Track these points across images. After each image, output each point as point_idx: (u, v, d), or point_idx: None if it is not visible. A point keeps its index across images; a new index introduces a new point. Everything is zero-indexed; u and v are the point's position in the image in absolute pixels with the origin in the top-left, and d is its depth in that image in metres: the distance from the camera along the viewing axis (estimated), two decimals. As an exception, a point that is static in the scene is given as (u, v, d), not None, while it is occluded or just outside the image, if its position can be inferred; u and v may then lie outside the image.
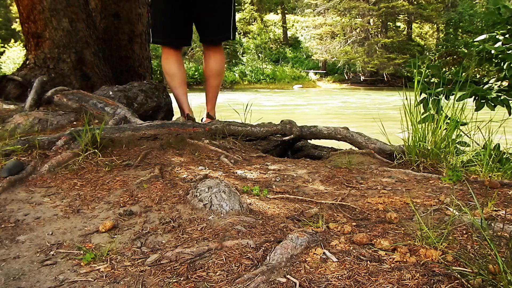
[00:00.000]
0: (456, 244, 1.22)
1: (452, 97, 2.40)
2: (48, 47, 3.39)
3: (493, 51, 2.64)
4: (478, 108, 2.63)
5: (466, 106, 2.36)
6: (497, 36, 2.72)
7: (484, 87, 2.75)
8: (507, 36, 2.68)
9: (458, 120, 2.29)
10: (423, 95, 2.61)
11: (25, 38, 3.50)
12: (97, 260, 1.21)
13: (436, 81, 2.67)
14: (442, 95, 2.56)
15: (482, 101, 2.63)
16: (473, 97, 2.65)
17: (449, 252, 1.15)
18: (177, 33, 2.85)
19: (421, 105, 2.54)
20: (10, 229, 1.44)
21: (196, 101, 3.90)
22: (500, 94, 2.63)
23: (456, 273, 1.03)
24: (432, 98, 2.57)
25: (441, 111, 2.40)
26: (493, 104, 2.62)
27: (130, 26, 4.20)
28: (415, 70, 2.39)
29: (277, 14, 34.74)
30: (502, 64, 2.65)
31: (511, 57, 2.55)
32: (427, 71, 2.65)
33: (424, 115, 2.47)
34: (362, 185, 1.96)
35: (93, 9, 4.04)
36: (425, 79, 2.63)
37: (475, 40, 2.85)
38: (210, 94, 3.18)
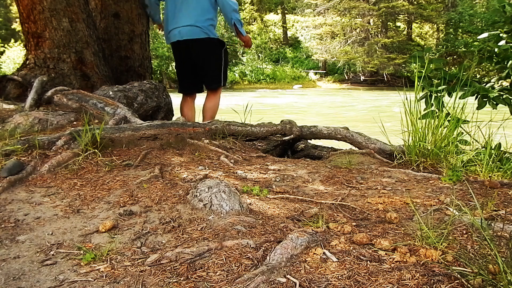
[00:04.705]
0: (456, 244, 1.22)
1: (453, 95, 2.39)
2: (48, 47, 3.39)
3: (495, 50, 2.62)
4: (480, 106, 2.61)
5: (466, 105, 2.35)
6: (500, 35, 2.70)
7: (486, 86, 2.73)
8: (510, 34, 2.66)
9: (459, 118, 2.28)
10: (425, 91, 2.59)
11: (25, 38, 3.50)
12: (97, 260, 1.21)
13: (438, 76, 2.64)
14: (443, 91, 2.54)
15: (484, 99, 2.62)
16: (475, 95, 2.64)
17: (449, 252, 1.15)
18: (188, 85, 3.86)
19: (422, 103, 2.53)
20: (10, 229, 1.44)
21: (197, 101, 3.94)
22: (502, 92, 2.61)
23: (456, 273, 1.03)
24: (434, 95, 2.55)
25: (443, 109, 2.39)
26: (495, 103, 2.60)
27: (130, 26, 4.19)
28: (415, 66, 2.37)
29: (277, 14, 34.71)
30: (505, 63, 2.63)
31: None
32: (431, 65, 2.61)
33: (425, 111, 2.45)
34: (362, 185, 1.96)
35: (93, 9, 4.04)
36: (428, 75, 2.60)
37: (477, 38, 2.83)
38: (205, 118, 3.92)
